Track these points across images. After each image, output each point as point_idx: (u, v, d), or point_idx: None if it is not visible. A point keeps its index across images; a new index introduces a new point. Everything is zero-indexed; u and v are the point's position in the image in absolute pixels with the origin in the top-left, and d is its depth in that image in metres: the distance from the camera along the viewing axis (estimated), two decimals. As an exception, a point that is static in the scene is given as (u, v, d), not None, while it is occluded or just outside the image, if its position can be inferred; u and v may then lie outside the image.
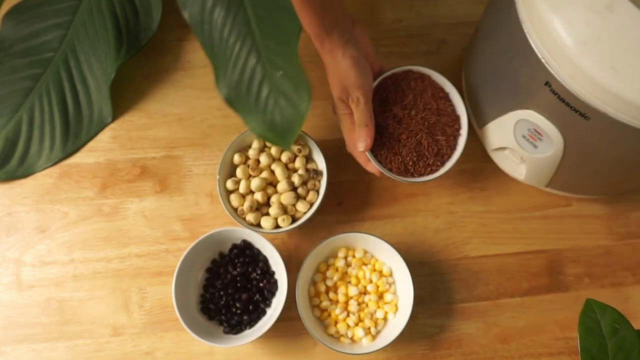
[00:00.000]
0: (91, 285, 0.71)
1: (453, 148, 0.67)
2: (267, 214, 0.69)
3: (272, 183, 0.70)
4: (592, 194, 0.71)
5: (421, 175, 0.66)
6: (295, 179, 0.69)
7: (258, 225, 0.69)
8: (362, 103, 0.62)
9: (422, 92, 0.67)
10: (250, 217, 0.68)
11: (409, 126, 0.66)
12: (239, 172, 0.70)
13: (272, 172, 0.70)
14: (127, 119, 0.78)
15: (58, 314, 0.70)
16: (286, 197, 0.68)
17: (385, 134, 0.66)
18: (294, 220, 0.69)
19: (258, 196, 0.68)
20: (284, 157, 0.71)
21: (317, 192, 0.70)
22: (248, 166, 0.70)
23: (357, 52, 0.61)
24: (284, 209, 0.68)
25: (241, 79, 0.67)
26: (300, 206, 0.69)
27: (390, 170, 0.66)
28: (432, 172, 0.66)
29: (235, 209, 0.69)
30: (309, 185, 0.70)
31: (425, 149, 0.66)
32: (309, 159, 0.72)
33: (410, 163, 0.66)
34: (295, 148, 0.71)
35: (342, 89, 0.62)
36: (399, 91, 0.67)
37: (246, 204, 0.68)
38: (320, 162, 0.71)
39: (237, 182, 0.69)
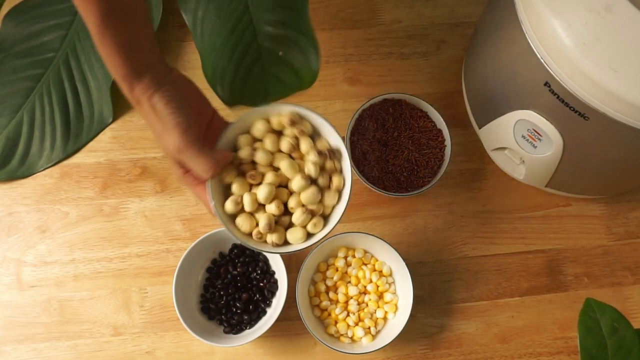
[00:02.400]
0: (92, 285, 0.71)
1: (441, 159, 0.71)
2: (292, 225, 0.54)
3: (282, 185, 0.54)
4: (592, 194, 0.71)
5: (415, 189, 0.69)
6: (310, 168, 0.53)
7: (286, 243, 0.54)
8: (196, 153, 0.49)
9: (400, 115, 0.72)
10: (272, 237, 0.52)
11: (394, 147, 0.71)
12: (235, 187, 0.53)
13: (277, 170, 0.54)
14: (128, 119, 0.78)
15: (59, 314, 0.70)
16: (307, 196, 0.52)
17: (372, 157, 0.70)
18: (325, 220, 0.54)
19: (272, 208, 0.52)
20: (285, 146, 0.54)
21: (341, 173, 0.54)
22: (244, 174, 0.53)
23: (175, 90, 0.50)
24: (310, 212, 0.53)
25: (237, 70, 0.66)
26: (328, 199, 0.53)
27: (385, 189, 0.69)
28: (424, 184, 0.70)
29: (250, 234, 0.53)
30: (328, 168, 0.54)
31: (414, 164, 0.70)
32: (315, 137, 0.56)
33: (402, 179, 0.70)
34: (293, 131, 0.54)
35: (173, 143, 0.49)
36: (378, 119, 0.72)
37: (262, 224, 0.52)
38: (332, 137, 0.55)
39: (239, 201, 0.52)
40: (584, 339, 0.50)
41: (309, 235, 0.54)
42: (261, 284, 0.68)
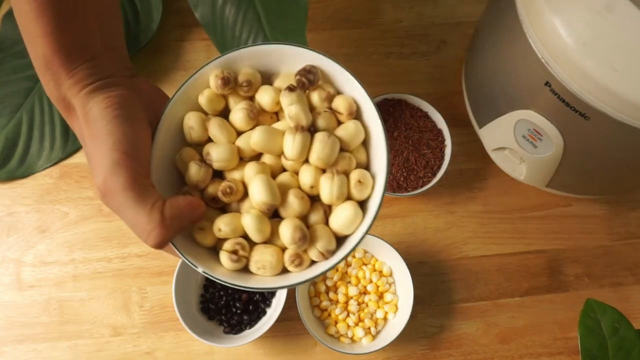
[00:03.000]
0: (91, 285, 0.71)
1: (441, 159, 0.71)
2: (328, 210, 0.37)
3: (276, 174, 0.37)
4: (592, 194, 0.71)
5: (415, 188, 0.69)
6: (293, 112, 0.36)
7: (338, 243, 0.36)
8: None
9: (400, 115, 0.72)
10: (320, 246, 0.35)
11: (394, 147, 0.71)
12: (224, 230, 0.35)
13: (259, 157, 0.38)
14: (127, 119, 0.78)
15: (58, 314, 0.70)
16: (317, 150, 0.35)
17: None
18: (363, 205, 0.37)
19: (294, 204, 0.35)
20: (239, 117, 0.37)
21: (340, 93, 0.38)
22: (217, 202, 0.37)
23: (130, 99, 0.34)
24: (338, 172, 0.35)
25: None
26: (348, 134, 0.36)
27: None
28: (424, 184, 0.70)
29: (285, 269, 0.37)
30: (319, 100, 0.38)
31: (414, 164, 0.70)
32: (273, 78, 0.40)
33: (401, 179, 0.70)
34: (238, 92, 0.38)
35: (99, 175, 0.35)
36: None
37: (292, 236, 0.34)
38: (297, 63, 0.38)
39: (238, 248, 0.36)
40: (585, 339, 0.50)
41: (361, 204, 0.36)
42: (261, 284, 0.67)
